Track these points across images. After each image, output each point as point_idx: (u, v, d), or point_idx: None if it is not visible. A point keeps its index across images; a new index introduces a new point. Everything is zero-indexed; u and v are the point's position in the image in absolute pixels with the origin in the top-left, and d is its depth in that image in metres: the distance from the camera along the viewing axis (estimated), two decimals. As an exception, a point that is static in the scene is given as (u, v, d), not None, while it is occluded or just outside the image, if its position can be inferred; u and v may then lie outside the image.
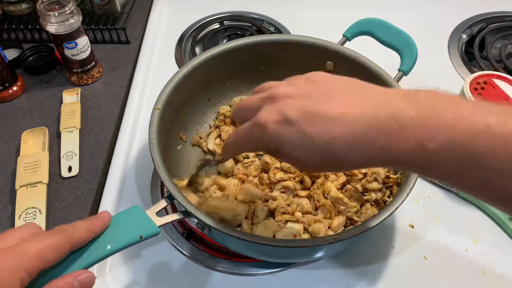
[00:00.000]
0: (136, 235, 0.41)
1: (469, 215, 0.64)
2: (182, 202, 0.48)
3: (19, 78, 0.81)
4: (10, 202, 0.64)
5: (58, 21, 0.72)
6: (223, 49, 0.67)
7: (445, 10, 0.98)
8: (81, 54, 0.78)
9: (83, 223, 0.39)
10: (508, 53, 0.86)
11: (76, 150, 0.70)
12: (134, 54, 0.89)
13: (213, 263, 0.58)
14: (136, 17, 0.97)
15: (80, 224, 0.38)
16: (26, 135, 0.71)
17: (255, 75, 0.73)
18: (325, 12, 0.99)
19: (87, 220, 0.40)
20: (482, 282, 0.57)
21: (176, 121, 0.64)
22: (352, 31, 0.68)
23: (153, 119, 0.57)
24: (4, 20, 0.91)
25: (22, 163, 0.66)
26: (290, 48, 0.69)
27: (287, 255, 0.55)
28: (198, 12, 0.99)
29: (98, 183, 0.67)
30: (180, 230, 0.62)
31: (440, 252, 0.60)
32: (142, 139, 0.74)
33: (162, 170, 0.51)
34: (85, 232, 0.38)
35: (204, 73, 0.67)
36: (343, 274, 0.58)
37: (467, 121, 0.30)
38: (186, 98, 0.66)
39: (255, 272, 0.58)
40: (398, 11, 0.95)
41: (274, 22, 0.97)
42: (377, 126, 0.33)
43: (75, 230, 0.37)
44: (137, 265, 0.58)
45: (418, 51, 0.63)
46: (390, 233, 0.61)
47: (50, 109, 0.78)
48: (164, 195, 0.66)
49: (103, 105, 0.79)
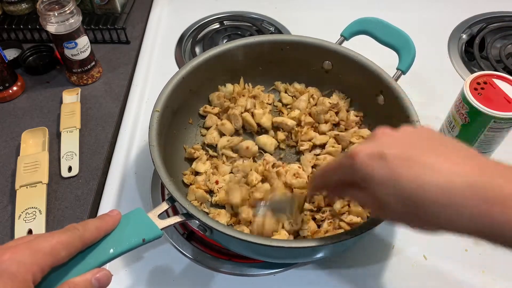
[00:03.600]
0: (139, 238, 0.41)
1: (469, 215, 0.64)
2: (183, 204, 0.48)
3: (19, 78, 0.81)
4: (10, 202, 0.64)
5: (58, 21, 0.72)
6: (222, 50, 0.67)
7: (445, 10, 0.98)
8: (81, 54, 0.78)
9: (94, 221, 0.39)
10: (508, 53, 0.86)
11: (76, 150, 0.70)
12: (134, 54, 0.89)
13: (214, 264, 0.58)
14: (136, 17, 0.97)
15: (91, 223, 0.39)
16: (26, 135, 0.71)
17: (255, 75, 0.73)
18: (324, 12, 0.99)
19: (97, 218, 0.40)
20: (482, 282, 0.57)
21: (175, 122, 0.64)
22: (350, 31, 0.68)
23: (153, 121, 0.57)
24: (4, 20, 0.91)
25: (22, 163, 0.66)
26: (289, 48, 0.69)
27: (288, 256, 0.55)
28: (198, 12, 0.99)
29: (98, 183, 0.67)
30: (181, 231, 0.62)
31: (440, 252, 0.59)
32: (142, 139, 0.74)
33: (163, 172, 0.51)
34: (96, 231, 0.39)
35: (203, 74, 0.67)
36: (344, 274, 0.58)
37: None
38: (185, 99, 0.66)
39: (256, 272, 0.58)
40: (398, 11, 0.95)
41: (274, 22, 0.97)
42: (480, 189, 0.31)
43: (86, 228, 0.38)
44: (138, 267, 0.58)
45: (417, 51, 0.63)
46: (390, 233, 0.61)
47: (50, 109, 0.78)
48: (164, 195, 0.66)
49: (103, 105, 0.79)
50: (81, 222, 0.39)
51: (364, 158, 0.35)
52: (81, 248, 0.37)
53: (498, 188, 0.31)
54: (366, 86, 0.65)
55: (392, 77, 0.62)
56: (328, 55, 0.68)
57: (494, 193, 0.31)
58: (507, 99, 0.61)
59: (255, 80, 0.74)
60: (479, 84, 0.63)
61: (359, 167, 0.35)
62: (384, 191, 0.34)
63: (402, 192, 0.33)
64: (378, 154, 0.34)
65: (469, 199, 0.31)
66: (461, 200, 0.31)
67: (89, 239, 0.38)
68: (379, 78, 0.62)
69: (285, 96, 0.73)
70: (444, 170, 0.32)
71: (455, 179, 0.32)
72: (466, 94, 0.62)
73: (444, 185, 0.32)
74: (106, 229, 0.40)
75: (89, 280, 0.36)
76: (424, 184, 0.32)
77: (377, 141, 0.36)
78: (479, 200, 0.31)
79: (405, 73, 0.63)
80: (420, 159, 0.33)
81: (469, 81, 0.63)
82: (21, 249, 0.33)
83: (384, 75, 0.62)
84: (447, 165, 0.33)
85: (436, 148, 0.35)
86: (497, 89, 0.62)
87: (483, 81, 0.63)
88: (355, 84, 0.68)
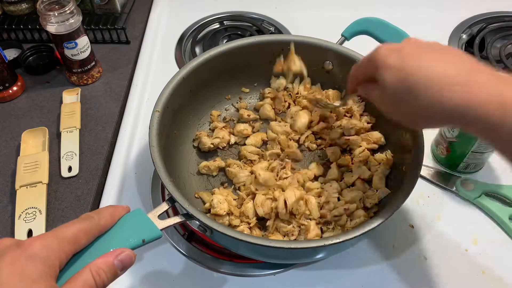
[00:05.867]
0: (139, 239, 0.41)
1: (469, 215, 0.64)
2: (183, 205, 0.48)
3: (19, 78, 0.81)
4: (10, 202, 0.64)
5: (58, 21, 0.72)
6: (222, 50, 0.67)
7: (445, 10, 0.98)
8: (81, 54, 0.78)
9: (107, 209, 0.41)
10: (508, 53, 0.86)
11: (76, 150, 0.70)
12: (134, 54, 0.89)
13: (214, 264, 0.58)
14: (136, 17, 0.97)
15: (104, 210, 0.41)
16: (26, 135, 0.71)
17: (255, 75, 0.73)
18: (324, 12, 0.99)
19: (109, 206, 0.42)
20: (482, 282, 0.57)
21: (175, 123, 0.64)
22: (351, 31, 0.68)
23: (153, 121, 0.57)
24: (4, 20, 0.91)
25: (22, 163, 0.66)
26: (289, 49, 0.69)
27: (288, 256, 0.55)
28: (198, 12, 0.99)
29: (98, 183, 0.67)
30: (181, 231, 0.62)
31: (440, 252, 0.60)
32: (142, 139, 0.74)
33: (163, 173, 0.51)
34: (110, 218, 0.41)
35: (203, 74, 0.67)
36: (343, 275, 0.58)
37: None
38: (185, 99, 0.66)
39: (256, 273, 0.58)
40: (398, 11, 0.95)
41: (274, 22, 0.97)
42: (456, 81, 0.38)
43: (100, 216, 0.40)
44: (138, 267, 0.58)
45: (418, 51, 0.63)
46: (390, 233, 0.61)
47: (50, 109, 0.78)
48: (164, 195, 0.66)
49: (103, 105, 0.79)
50: (95, 211, 0.41)
51: (384, 49, 0.43)
52: (98, 235, 0.39)
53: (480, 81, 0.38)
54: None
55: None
56: (329, 55, 0.68)
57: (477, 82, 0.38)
58: (507, 99, 0.61)
59: (256, 80, 0.74)
60: (479, 84, 0.63)
61: (378, 56, 0.43)
62: (390, 74, 0.41)
63: (404, 76, 0.40)
64: (397, 48, 0.42)
65: (456, 84, 0.38)
66: (449, 87, 0.38)
67: (104, 225, 0.40)
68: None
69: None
70: (442, 68, 0.39)
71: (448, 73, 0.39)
72: (466, 94, 0.62)
73: (438, 75, 0.39)
74: (119, 215, 0.42)
75: (112, 262, 0.37)
76: (423, 72, 0.40)
77: (402, 42, 0.43)
78: (463, 85, 0.38)
79: (405, 73, 0.63)
80: (429, 57, 0.41)
81: (469, 81, 0.63)
82: (49, 236, 0.36)
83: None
84: (445, 65, 0.40)
85: (445, 55, 0.42)
86: (497, 89, 0.62)
87: (483, 81, 0.63)
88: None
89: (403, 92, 0.41)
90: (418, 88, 0.40)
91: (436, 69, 0.40)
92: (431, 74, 0.39)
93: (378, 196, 0.58)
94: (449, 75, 0.39)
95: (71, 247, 0.36)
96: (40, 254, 0.34)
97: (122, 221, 0.42)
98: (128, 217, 0.42)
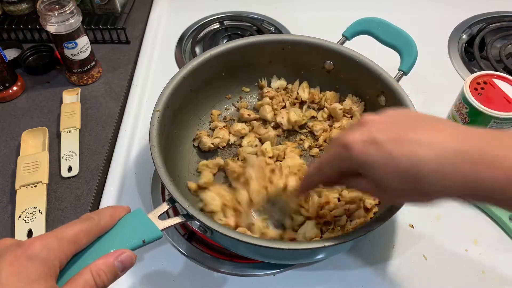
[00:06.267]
0: (139, 240, 0.41)
1: (469, 215, 0.64)
2: (184, 205, 0.48)
3: (19, 78, 0.81)
4: (10, 202, 0.64)
5: (58, 21, 0.72)
6: (222, 50, 0.67)
7: (445, 10, 0.98)
8: (81, 54, 0.78)
9: (107, 209, 0.41)
10: (508, 53, 0.86)
11: (76, 150, 0.70)
12: (134, 54, 0.89)
13: (214, 264, 0.58)
14: (136, 17, 0.97)
15: (105, 211, 0.41)
16: (26, 135, 0.71)
17: (255, 75, 0.73)
18: (324, 12, 0.99)
19: (109, 207, 0.42)
20: (482, 282, 0.57)
21: (176, 122, 0.64)
22: (352, 31, 0.68)
23: (153, 121, 0.57)
24: (4, 20, 0.91)
25: (22, 163, 0.66)
26: (290, 48, 0.69)
27: (288, 257, 0.55)
28: (198, 12, 0.99)
29: (98, 183, 0.67)
30: (182, 231, 0.62)
31: (440, 252, 0.60)
32: (142, 139, 0.74)
33: (163, 173, 0.51)
34: (110, 218, 0.40)
35: (204, 74, 0.66)
36: (343, 275, 0.58)
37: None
38: (185, 99, 0.65)
39: (256, 273, 0.58)
40: (398, 11, 0.95)
41: (274, 22, 0.97)
42: (468, 155, 0.34)
43: (101, 217, 0.40)
44: (138, 267, 0.58)
45: (418, 51, 0.63)
46: (390, 233, 0.61)
47: (50, 109, 0.78)
48: (165, 196, 0.66)
49: (103, 105, 0.79)
50: (95, 211, 0.40)
51: (359, 147, 0.37)
52: (98, 235, 0.39)
53: (483, 151, 0.34)
54: (368, 86, 0.65)
55: (394, 78, 0.62)
56: (330, 55, 0.68)
57: (480, 155, 0.34)
58: (507, 99, 0.61)
59: (256, 80, 0.74)
60: (479, 84, 0.63)
61: (356, 156, 0.37)
62: (383, 173, 0.37)
63: (399, 170, 0.36)
64: (371, 140, 0.37)
65: (459, 165, 0.34)
66: (452, 167, 0.34)
67: (104, 226, 0.40)
68: (380, 79, 0.62)
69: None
70: (432, 143, 0.35)
71: (444, 149, 0.35)
72: (466, 94, 0.62)
73: (434, 156, 0.34)
74: (120, 215, 0.42)
75: (112, 263, 0.37)
76: (417, 159, 0.35)
77: (366, 128, 0.38)
78: (468, 163, 0.34)
79: (406, 74, 0.63)
80: (409, 136, 0.36)
81: (469, 81, 0.63)
82: (49, 237, 0.36)
83: (385, 76, 0.62)
84: (433, 137, 0.36)
85: (420, 124, 0.38)
86: (497, 89, 0.62)
87: (483, 81, 0.63)
88: (356, 85, 0.68)
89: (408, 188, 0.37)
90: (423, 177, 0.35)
91: (437, 145, 0.35)
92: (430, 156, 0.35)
93: None
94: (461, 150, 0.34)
95: (71, 248, 0.36)
96: (40, 254, 0.34)
97: (123, 221, 0.42)
98: (128, 217, 0.42)
